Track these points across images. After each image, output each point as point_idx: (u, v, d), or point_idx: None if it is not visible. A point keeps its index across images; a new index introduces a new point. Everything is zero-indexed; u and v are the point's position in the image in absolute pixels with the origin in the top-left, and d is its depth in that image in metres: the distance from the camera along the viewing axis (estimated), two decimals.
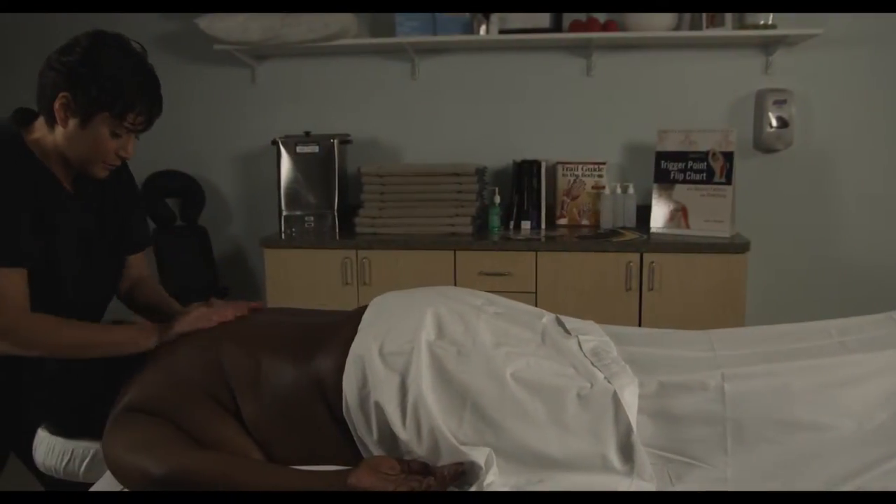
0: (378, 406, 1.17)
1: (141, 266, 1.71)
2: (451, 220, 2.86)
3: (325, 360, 1.24)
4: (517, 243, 2.77)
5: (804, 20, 2.79)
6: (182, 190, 3.23)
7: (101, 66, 1.32)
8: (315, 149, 2.94)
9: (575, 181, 3.04)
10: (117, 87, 1.32)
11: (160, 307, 1.67)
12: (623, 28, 2.88)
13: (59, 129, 1.37)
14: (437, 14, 2.92)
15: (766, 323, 2.70)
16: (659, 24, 2.85)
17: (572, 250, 2.71)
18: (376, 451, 1.20)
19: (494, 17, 2.90)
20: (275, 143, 2.97)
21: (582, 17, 2.92)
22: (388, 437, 1.19)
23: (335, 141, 2.94)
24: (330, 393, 1.22)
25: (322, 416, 1.23)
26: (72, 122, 1.35)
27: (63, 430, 1.47)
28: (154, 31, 3.21)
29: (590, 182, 3.03)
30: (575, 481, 1.14)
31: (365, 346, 1.22)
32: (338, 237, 2.92)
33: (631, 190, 2.97)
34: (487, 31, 2.91)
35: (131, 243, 1.66)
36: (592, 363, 1.24)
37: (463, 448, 1.14)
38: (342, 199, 2.98)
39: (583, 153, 3.07)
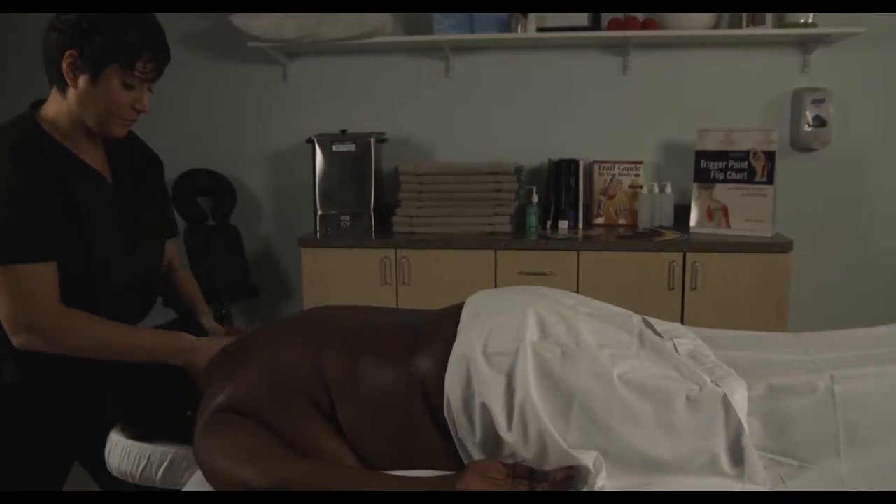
0: (484, 407, 1.15)
1: (171, 250, 1.70)
2: (490, 220, 2.84)
3: (425, 360, 1.22)
4: (557, 242, 2.75)
5: (845, 19, 2.78)
6: (213, 188, 3.20)
7: (102, 17, 1.30)
8: (351, 147, 2.92)
9: (611, 180, 3.03)
10: (122, 35, 1.30)
11: (187, 301, 1.67)
12: (662, 26, 2.87)
13: (72, 93, 1.34)
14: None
15: (809, 323, 2.72)
16: (698, 22, 2.84)
17: (614, 250, 2.69)
18: (477, 454, 1.18)
19: (532, 15, 2.88)
20: (310, 141, 2.94)
21: (619, 15, 2.91)
22: (492, 439, 1.16)
23: (372, 139, 2.91)
24: (431, 393, 1.20)
25: (421, 417, 1.21)
26: (82, 81, 1.32)
27: (139, 433, 1.45)
28: (186, 27, 3.18)
29: (626, 181, 3.02)
30: (684, 485, 1.12)
31: (468, 345, 1.20)
32: (373, 236, 2.90)
33: (668, 189, 2.96)
34: (525, 29, 2.89)
35: (167, 229, 1.65)
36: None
37: (572, 451, 1.12)
38: (377, 197, 2.96)
39: (618, 152, 3.05)
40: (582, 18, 2.91)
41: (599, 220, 3.04)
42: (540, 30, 2.91)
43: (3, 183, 1.27)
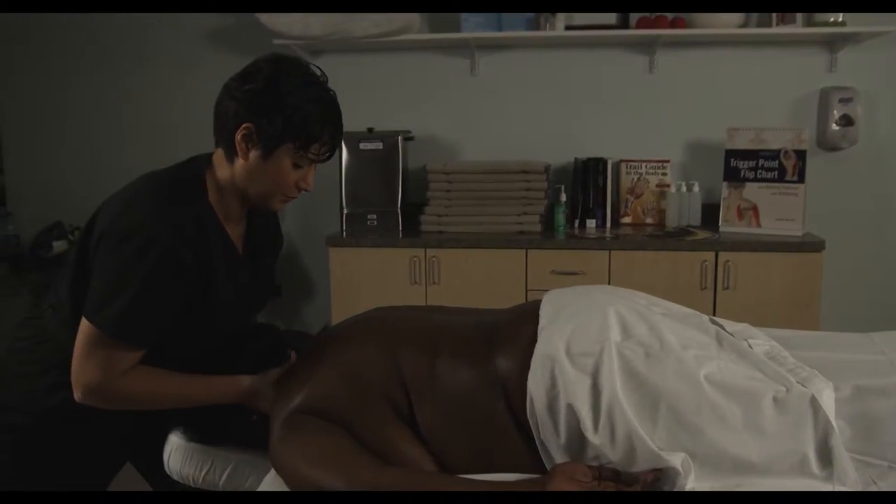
0: (570, 408, 1.13)
1: None
2: (519, 219, 2.82)
3: (506, 361, 1.20)
4: (589, 242, 2.74)
5: (873, 17, 2.77)
6: None
7: (285, 95, 1.24)
8: (379, 145, 2.89)
9: (638, 179, 3.02)
10: (302, 117, 1.24)
11: None
12: (690, 25, 2.86)
13: (240, 163, 1.29)
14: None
15: (840, 322, 2.71)
16: (727, 21, 2.83)
17: (646, 249, 2.68)
18: (559, 456, 1.17)
19: (561, 13, 2.86)
20: None
21: (648, 14, 2.90)
22: (576, 441, 1.15)
23: (400, 137, 2.89)
24: (512, 394, 1.18)
25: (501, 418, 1.19)
26: (253, 154, 1.27)
27: (201, 437, 1.42)
28: (211, 24, 3.15)
29: (653, 180, 3.01)
30: (773, 486, 1.10)
31: (552, 346, 1.18)
32: (400, 235, 2.88)
33: (696, 188, 2.95)
34: (553, 27, 2.87)
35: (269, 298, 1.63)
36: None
37: (662, 453, 1.10)
38: (404, 196, 2.94)
39: (644, 151, 3.04)
40: (610, 16, 2.90)
41: (627, 220, 3.03)
42: (568, 28, 2.89)
43: (151, 260, 1.21)
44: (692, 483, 1.10)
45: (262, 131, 1.25)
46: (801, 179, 2.71)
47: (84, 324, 1.24)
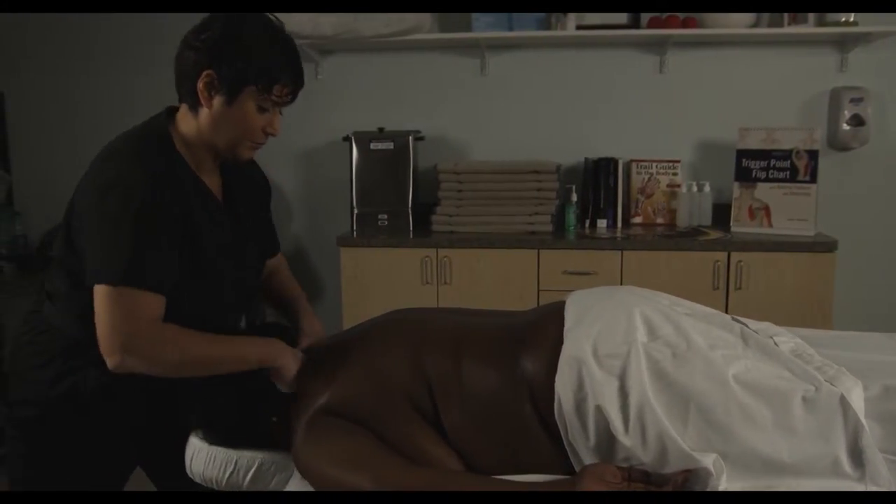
0: (598, 410, 1.13)
1: (276, 260, 1.66)
2: (531, 219, 2.82)
3: (532, 363, 1.20)
4: (601, 242, 2.74)
5: (886, 17, 2.77)
6: None
7: (243, 38, 1.26)
8: (389, 145, 2.88)
9: (649, 179, 3.01)
10: (262, 58, 1.26)
11: (287, 303, 1.62)
12: (701, 25, 2.85)
13: (204, 112, 1.30)
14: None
15: (852, 322, 2.70)
16: (738, 21, 2.83)
17: (658, 249, 2.68)
18: (588, 458, 1.16)
19: (571, 13, 2.86)
20: (347, 139, 2.91)
21: (659, 14, 2.89)
22: (606, 443, 1.14)
23: (410, 137, 2.89)
24: (539, 396, 1.18)
25: (528, 419, 1.19)
26: (217, 101, 1.28)
27: (221, 438, 1.41)
28: None
29: (664, 180, 3.01)
30: (805, 487, 1.10)
31: (579, 347, 1.17)
32: (411, 235, 2.87)
33: (707, 188, 2.95)
34: (564, 27, 2.87)
35: (269, 247, 1.61)
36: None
37: (694, 454, 1.10)
38: (414, 196, 2.93)
39: (654, 151, 3.04)
40: (621, 17, 2.89)
41: (637, 220, 3.02)
42: (579, 28, 2.88)
43: (136, 203, 1.21)
44: (724, 484, 1.09)
45: (223, 77, 1.26)
46: (813, 179, 2.71)
47: (95, 291, 1.22)
